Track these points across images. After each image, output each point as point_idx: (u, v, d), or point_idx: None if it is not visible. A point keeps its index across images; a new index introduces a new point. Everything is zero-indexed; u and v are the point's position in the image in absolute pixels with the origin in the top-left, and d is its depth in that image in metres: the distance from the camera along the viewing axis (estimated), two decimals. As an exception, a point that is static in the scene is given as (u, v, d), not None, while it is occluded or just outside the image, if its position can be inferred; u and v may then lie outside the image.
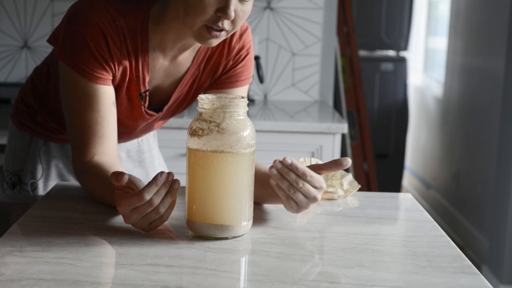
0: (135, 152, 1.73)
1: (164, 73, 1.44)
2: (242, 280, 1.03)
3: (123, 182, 1.13)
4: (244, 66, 1.49)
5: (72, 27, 1.33)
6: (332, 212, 1.38)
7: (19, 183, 1.62)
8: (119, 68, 1.36)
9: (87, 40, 1.31)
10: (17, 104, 1.64)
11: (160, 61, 1.41)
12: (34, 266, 1.02)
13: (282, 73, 3.15)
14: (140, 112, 1.47)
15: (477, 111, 3.93)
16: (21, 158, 1.62)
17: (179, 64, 1.45)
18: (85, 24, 1.31)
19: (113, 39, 1.33)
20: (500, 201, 3.34)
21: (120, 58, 1.35)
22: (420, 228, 1.29)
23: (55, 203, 1.36)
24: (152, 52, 1.39)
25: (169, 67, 1.43)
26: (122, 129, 1.51)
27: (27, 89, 1.61)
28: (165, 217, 1.16)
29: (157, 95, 1.48)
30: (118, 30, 1.33)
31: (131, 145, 1.72)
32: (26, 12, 3.02)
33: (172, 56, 1.42)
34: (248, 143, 1.16)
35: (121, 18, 1.33)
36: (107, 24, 1.32)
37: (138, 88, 1.41)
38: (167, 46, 1.39)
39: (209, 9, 1.25)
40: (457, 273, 1.06)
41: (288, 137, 2.61)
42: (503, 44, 3.44)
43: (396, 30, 4.80)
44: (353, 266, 1.07)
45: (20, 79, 3.06)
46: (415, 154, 5.44)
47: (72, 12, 1.34)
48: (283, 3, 3.09)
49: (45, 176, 1.60)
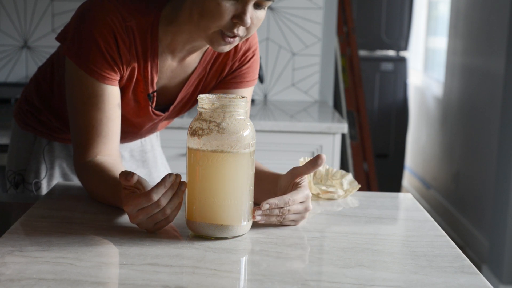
0: (138, 152, 1.73)
1: (171, 73, 1.43)
2: (242, 280, 1.03)
3: (133, 182, 1.14)
4: (250, 67, 1.49)
5: (82, 26, 1.32)
6: (332, 212, 1.38)
7: (22, 182, 1.62)
8: (127, 69, 1.36)
9: (97, 39, 1.31)
10: (20, 103, 1.64)
11: (169, 62, 1.41)
12: (34, 266, 1.02)
13: (282, 73, 3.15)
14: (147, 112, 1.46)
15: (477, 111, 3.93)
16: (25, 158, 1.62)
17: (186, 65, 1.44)
18: (95, 23, 1.31)
19: (123, 39, 1.32)
20: (500, 201, 3.34)
21: (129, 58, 1.35)
22: (420, 228, 1.29)
23: (55, 202, 1.36)
24: (161, 53, 1.39)
25: (176, 68, 1.43)
26: (128, 129, 1.51)
27: (30, 88, 1.61)
28: (171, 218, 1.17)
29: (163, 95, 1.47)
30: (128, 31, 1.33)
31: (134, 145, 1.72)
32: (26, 12, 3.02)
33: (180, 58, 1.42)
34: (248, 143, 1.16)
35: (132, 18, 1.33)
36: (117, 24, 1.31)
37: (146, 89, 1.41)
38: (176, 47, 1.38)
39: (226, 15, 1.24)
40: (457, 273, 1.06)
41: (288, 137, 2.61)
42: (503, 44, 3.44)
43: (396, 30, 4.80)
44: (353, 266, 1.07)
45: (20, 79, 3.05)
46: (415, 154, 5.44)
47: (83, 11, 1.34)
48: (283, 3, 3.09)
49: (49, 176, 1.60)
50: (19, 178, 1.63)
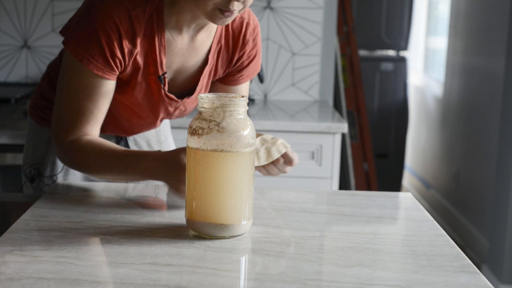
0: (154, 142, 1.77)
1: (183, 56, 1.47)
2: (242, 279, 1.03)
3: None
4: (256, 63, 1.58)
5: (85, 20, 1.36)
6: (332, 211, 1.38)
7: (38, 176, 1.64)
8: (129, 60, 1.40)
9: (98, 33, 1.34)
10: (35, 100, 1.67)
11: (178, 44, 1.45)
12: (34, 265, 1.02)
13: (282, 72, 3.15)
14: (161, 96, 1.49)
15: (477, 111, 3.93)
16: (41, 152, 1.65)
17: (198, 47, 1.48)
18: (98, 18, 1.35)
19: (126, 31, 1.36)
20: (500, 201, 3.34)
21: (131, 48, 1.38)
22: (420, 227, 1.29)
23: (55, 202, 1.36)
24: (168, 35, 1.42)
25: (188, 49, 1.46)
26: (145, 115, 1.55)
27: (44, 84, 1.65)
28: None
29: (177, 81, 1.51)
30: (132, 21, 1.36)
31: (151, 135, 1.75)
32: (26, 11, 3.02)
33: (190, 37, 1.45)
34: (248, 142, 1.16)
35: (136, 7, 1.37)
36: (122, 17, 1.35)
37: (156, 71, 1.44)
38: (183, 27, 1.43)
39: None
40: (457, 272, 1.06)
41: (288, 137, 2.61)
42: (503, 44, 3.44)
43: (396, 30, 4.80)
44: (353, 265, 1.07)
45: (20, 79, 3.05)
46: (415, 154, 5.44)
47: (87, 5, 1.38)
48: (283, 2, 3.09)
49: (65, 170, 1.63)
50: (35, 172, 1.65)
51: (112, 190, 1.47)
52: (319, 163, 2.61)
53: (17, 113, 2.53)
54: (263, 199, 1.44)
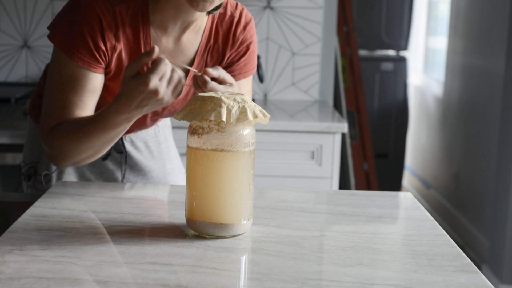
0: (152, 143, 1.75)
1: (169, 56, 1.46)
2: (242, 279, 1.03)
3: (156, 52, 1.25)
4: (248, 58, 1.54)
5: (69, 12, 1.37)
6: (332, 211, 1.38)
7: (34, 174, 1.64)
8: (112, 54, 1.39)
9: (82, 24, 1.35)
10: (34, 100, 1.67)
11: (163, 43, 1.44)
12: (34, 265, 1.02)
13: (282, 72, 3.15)
14: None
15: (477, 111, 3.93)
16: (38, 151, 1.65)
17: (184, 48, 1.47)
18: (82, 10, 1.35)
19: (109, 24, 1.36)
20: (500, 201, 3.34)
21: (114, 43, 1.38)
22: (420, 227, 1.29)
23: (55, 201, 1.36)
24: (153, 33, 1.42)
25: (173, 49, 1.46)
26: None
27: (42, 85, 1.65)
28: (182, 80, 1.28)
29: None
30: (116, 15, 1.37)
31: (148, 136, 1.74)
32: (26, 11, 3.02)
33: (175, 37, 1.45)
34: (248, 142, 1.16)
35: (120, 2, 1.37)
36: (104, 10, 1.36)
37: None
38: (168, 25, 1.42)
39: None
40: (457, 272, 1.06)
41: (288, 137, 2.61)
42: (503, 44, 3.44)
43: (396, 30, 4.80)
44: (353, 265, 1.07)
45: (20, 78, 3.05)
46: (415, 154, 5.44)
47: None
48: (283, 2, 3.09)
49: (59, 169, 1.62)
50: (31, 171, 1.65)
51: (112, 190, 1.47)
52: (319, 163, 2.61)
53: (17, 113, 2.53)
54: (263, 199, 1.44)
